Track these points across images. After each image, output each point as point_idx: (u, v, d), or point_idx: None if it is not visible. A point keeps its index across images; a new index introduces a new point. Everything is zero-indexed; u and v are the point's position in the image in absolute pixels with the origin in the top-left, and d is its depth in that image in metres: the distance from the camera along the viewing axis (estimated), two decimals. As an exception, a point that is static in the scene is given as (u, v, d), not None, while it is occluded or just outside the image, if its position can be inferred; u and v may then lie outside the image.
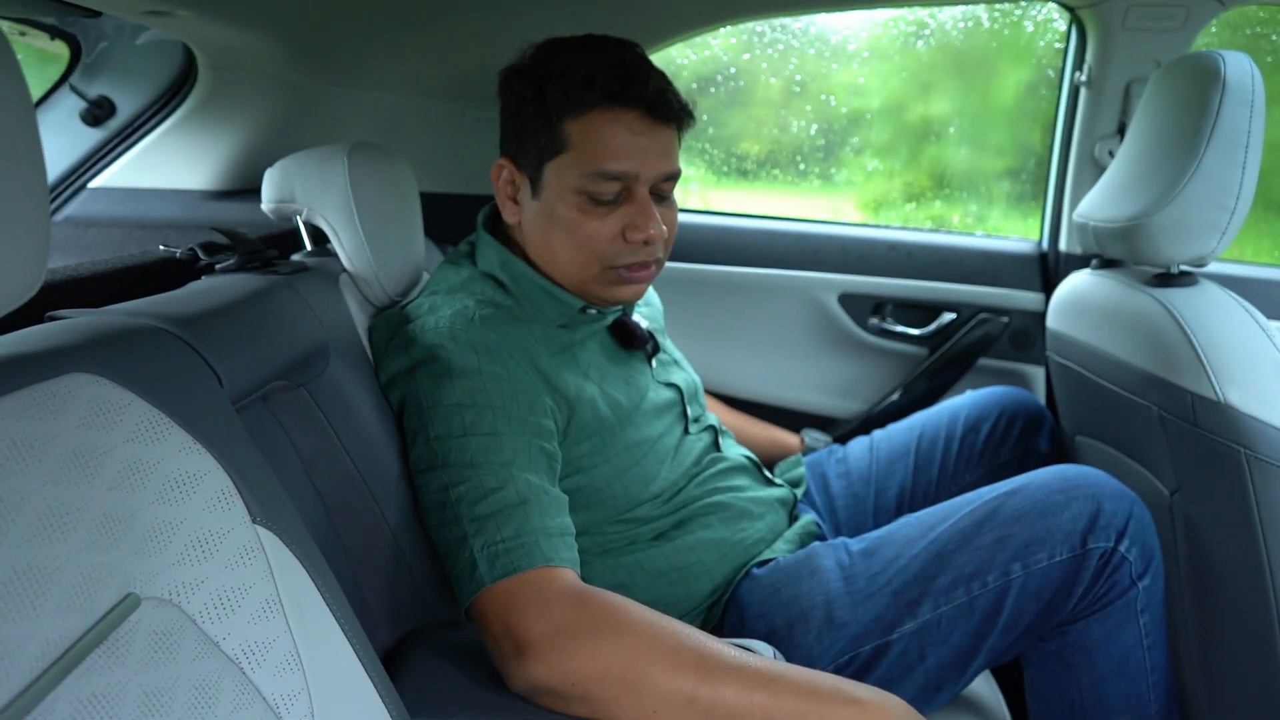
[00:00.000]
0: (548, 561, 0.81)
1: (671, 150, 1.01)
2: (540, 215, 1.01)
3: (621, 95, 0.95)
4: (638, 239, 0.98)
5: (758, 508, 1.13)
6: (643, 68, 0.98)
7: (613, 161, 0.96)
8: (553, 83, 0.96)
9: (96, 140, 1.46)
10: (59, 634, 0.42)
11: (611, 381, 1.06)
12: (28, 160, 0.40)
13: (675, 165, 1.02)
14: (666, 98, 0.98)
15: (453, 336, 0.93)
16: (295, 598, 0.57)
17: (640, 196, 0.99)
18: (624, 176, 0.97)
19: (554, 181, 0.99)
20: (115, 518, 0.47)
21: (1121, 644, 0.96)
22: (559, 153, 0.97)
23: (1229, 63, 1.05)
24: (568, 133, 0.97)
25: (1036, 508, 0.96)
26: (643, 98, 0.96)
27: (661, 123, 0.99)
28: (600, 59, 0.97)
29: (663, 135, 0.99)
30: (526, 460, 0.88)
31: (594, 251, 0.99)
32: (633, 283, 1.02)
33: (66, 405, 0.48)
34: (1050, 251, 1.69)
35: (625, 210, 0.99)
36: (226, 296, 0.78)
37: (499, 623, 0.79)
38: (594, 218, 0.98)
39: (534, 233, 1.03)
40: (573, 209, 0.98)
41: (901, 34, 1.97)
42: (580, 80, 0.95)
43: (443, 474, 0.87)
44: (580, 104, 0.96)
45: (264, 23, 1.22)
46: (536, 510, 0.85)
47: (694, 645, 0.77)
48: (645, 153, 0.97)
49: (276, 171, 1.10)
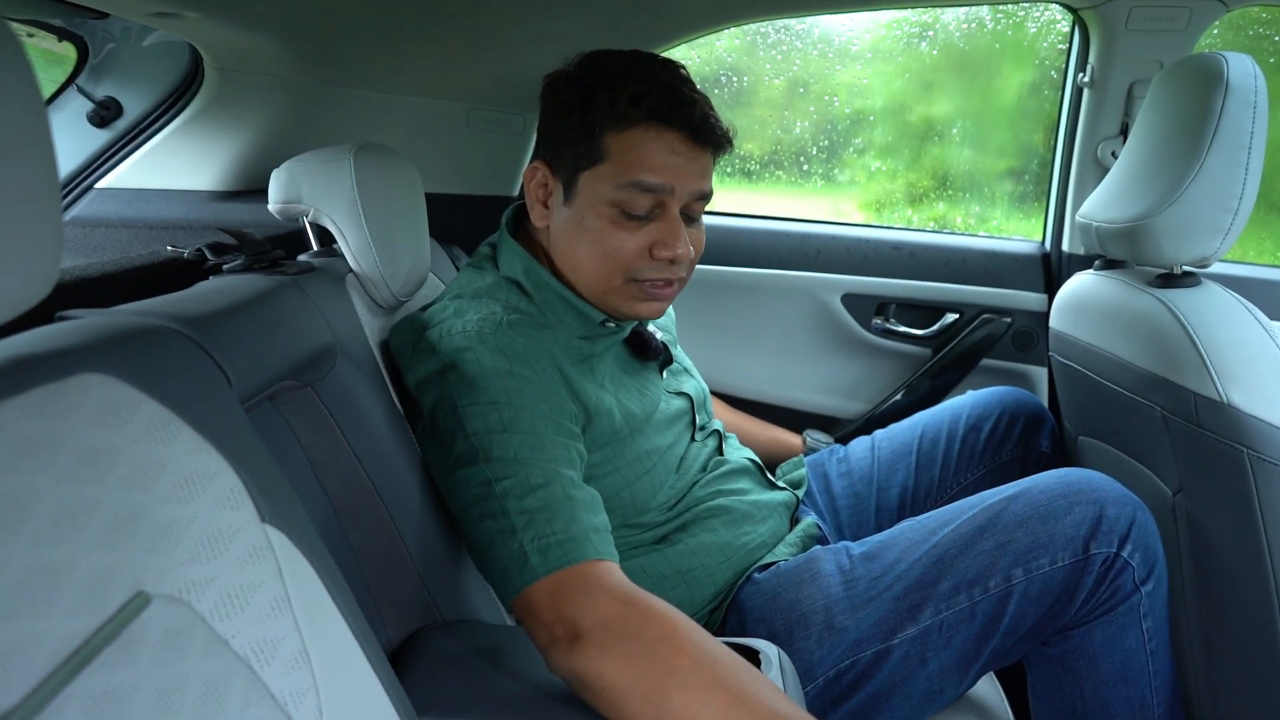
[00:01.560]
0: (599, 555, 0.82)
1: (708, 172, 1.02)
2: (570, 222, 1.01)
3: (668, 116, 0.96)
4: (664, 256, 0.98)
5: (760, 511, 1.13)
6: (691, 92, 0.99)
7: (649, 174, 0.96)
8: (600, 94, 0.97)
9: (104, 141, 1.46)
10: (71, 632, 0.42)
11: (626, 392, 1.06)
12: (40, 162, 0.40)
13: (709, 186, 1.02)
14: (710, 123, 0.99)
15: (481, 339, 0.93)
16: (303, 596, 0.57)
17: (671, 215, 0.99)
18: (659, 190, 0.97)
19: (588, 190, 0.99)
20: (126, 516, 0.47)
21: (1124, 649, 0.96)
22: (596, 162, 0.98)
23: (1232, 64, 1.05)
24: (608, 144, 0.97)
25: (1039, 513, 0.96)
26: (688, 121, 0.97)
27: (702, 146, 0.99)
28: (650, 77, 0.98)
29: (701, 158, 1.00)
30: (566, 459, 0.89)
31: (619, 264, 0.99)
32: (654, 299, 1.02)
33: (77, 405, 0.48)
34: (1053, 252, 1.69)
35: (655, 227, 0.99)
36: (234, 297, 0.78)
37: (550, 611, 0.80)
38: (623, 230, 0.98)
39: (561, 238, 1.03)
40: (603, 219, 0.98)
41: (905, 35, 1.97)
42: (630, 96, 0.96)
43: (485, 468, 0.87)
44: (626, 119, 0.96)
45: (270, 24, 1.22)
46: (582, 506, 0.85)
47: (731, 683, 0.74)
48: (682, 172, 0.98)
49: (283, 172, 1.10)
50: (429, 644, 0.86)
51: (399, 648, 0.87)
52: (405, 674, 0.79)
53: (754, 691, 0.74)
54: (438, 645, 0.86)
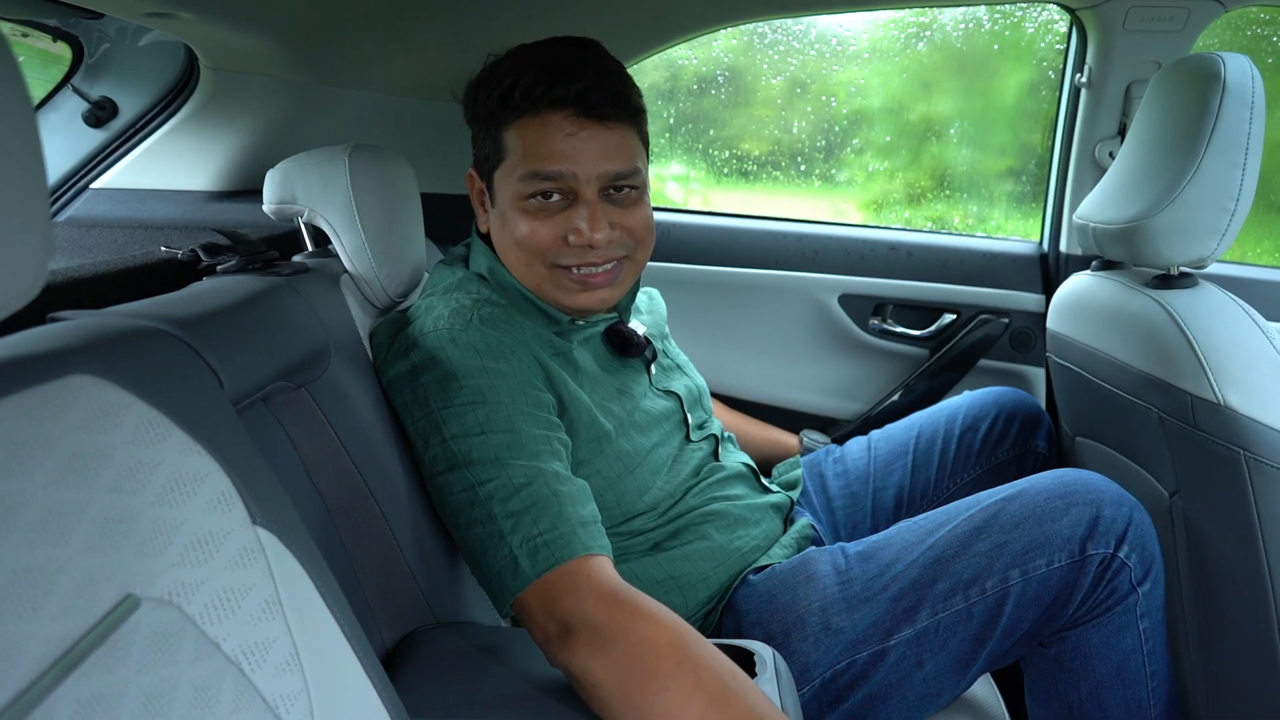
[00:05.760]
0: (587, 550, 0.82)
1: (616, 149, 0.98)
2: (497, 222, 1.03)
3: (544, 98, 0.95)
4: (579, 243, 0.98)
5: (754, 514, 1.13)
6: (570, 68, 0.95)
7: (542, 163, 0.96)
8: (487, 91, 0.99)
9: (99, 141, 1.46)
10: (59, 635, 0.42)
11: (603, 390, 1.05)
12: (28, 162, 0.40)
13: (625, 164, 0.99)
14: (596, 95, 0.95)
15: (453, 339, 0.93)
16: (295, 599, 0.57)
17: (585, 199, 0.97)
18: (559, 177, 0.96)
19: (502, 188, 1.01)
20: (116, 519, 0.47)
21: (1121, 650, 0.96)
22: (500, 161, 1.00)
23: (1229, 64, 1.05)
24: (505, 140, 0.98)
25: (1035, 513, 0.95)
26: (565, 99, 0.94)
27: (597, 121, 0.96)
28: (527, 65, 0.96)
29: (601, 134, 0.97)
30: (549, 453, 0.88)
31: (535, 252, 1.00)
32: (590, 288, 1.01)
33: (67, 407, 0.48)
34: (1050, 253, 1.69)
35: (570, 214, 0.98)
36: (227, 297, 0.78)
37: (542, 611, 0.80)
38: (536, 220, 0.99)
39: (496, 240, 1.05)
40: (519, 213, 0.99)
41: (903, 34, 1.97)
42: (507, 87, 0.96)
43: (467, 473, 0.87)
44: (512, 111, 0.97)
45: (265, 24, 1.22)
46: (568, 500, 0.85)
47: (713, 686, 0.73)
48: (580, 153, 0.96)
49: (278, 173, 1.10)
50: (423, 645, 0.86)
51: (393, 649, 0.87)
52: (399, 675, 0.79)
53: (736, 696, 0.73)
54: (432, 646, 0.85)
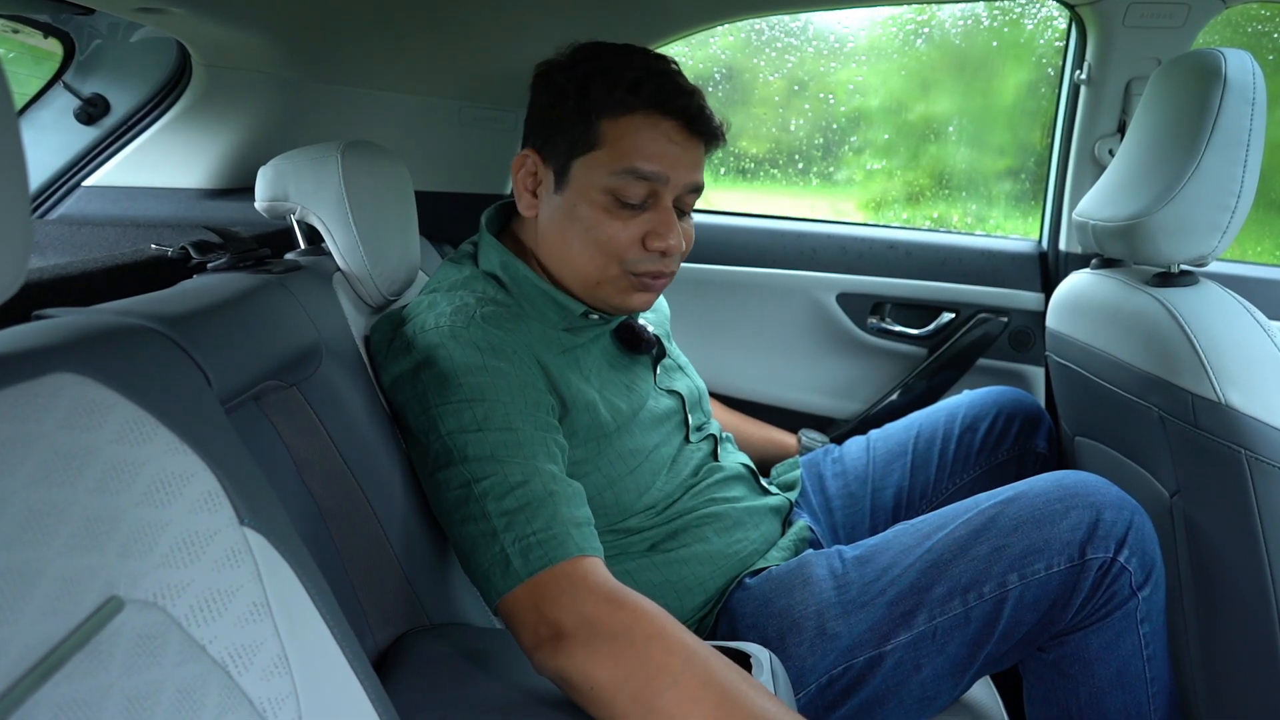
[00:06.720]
0: (580, 552, 0.81)
1: (701, 164, 1.02)
2: (560, 211, 1.00)
3: (665, 104, 0.97)
4: (658, 247, 0.98)
5: (752, 517, 1.12)
6: (686, 82, 1.00)
7: (645, 162, 0.96)
8: (597, 80, 0.97)
9: (91, 139, 1.45)
10: (39, 638, 0.41)
11: (612, 387, 1.05)
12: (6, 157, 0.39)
13: (701, 179, 1.03)
14: (706, 114, 1.00)
15: (454, 335, 0.92)
16: (283, 600, 0.56)
17: (665, 205, 0.99)
18: (654, 178, 0.97)
19: (581, 178, 0.98)
20: (99, 520, 0.46)
21: (1121, 655, 0.95)
22: (591, 149, 0.97)
23: (1230, 61, 1.05)
24: (604, 131, 0.97)
25: (1034, 517, 0.95)
26: (685, 110, 0.98)
27: (697, 136, 1.00)
28: (647, 66, 0.98)
29: (695, 150, 1.01)
30: (546, 453, 0.88)
31: (612, 253, 0.99)
32: (646, 291, 1.02)
33: (50, 405, 0.47)
34: (1050, 251, 1.69)
35: (649, 217, 0.99)
36: (216, 295, 0.77)
37: (533, 613, 0.79)
38: (617, 219, 0.98)
39: (550, 228, 1.02)
40: (597, 208, 0.98)
41: (901, 32, 1.96)
42: (628, 83, 0.96)
43: (463, 469, 0.86)
44: (623, 105, 0.96)
45: (258, 20, 1.21)
46: (564, 501, 0.84)
47: (722, 682, 0.73)
48: (678, 161, 0.98)
49: (270, 170, 1.09)
50: (415, 647, 0.85)
51: (385, 651, 0.86)
52: (390, 678, 0.78)
53: (745, 692, 0.73)
54: (424, 649, 0.84)
